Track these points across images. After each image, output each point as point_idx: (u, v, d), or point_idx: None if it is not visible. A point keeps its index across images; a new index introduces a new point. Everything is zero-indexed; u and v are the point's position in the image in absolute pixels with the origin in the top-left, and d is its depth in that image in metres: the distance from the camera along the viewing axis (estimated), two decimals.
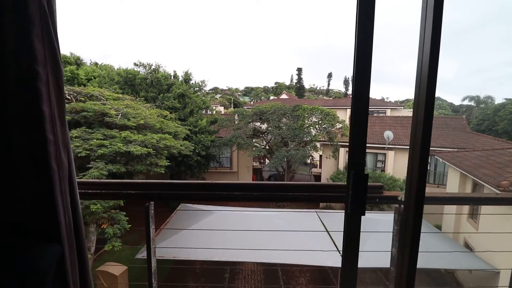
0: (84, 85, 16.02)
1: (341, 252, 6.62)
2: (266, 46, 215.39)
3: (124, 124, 8.41)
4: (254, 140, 18.24)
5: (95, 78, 17.16)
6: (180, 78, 18.21)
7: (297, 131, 15.68)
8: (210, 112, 21.82)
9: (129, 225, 6.69)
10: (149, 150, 7.02)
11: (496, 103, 42.69)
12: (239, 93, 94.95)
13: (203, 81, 19.06)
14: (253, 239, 9.63)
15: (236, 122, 18.07)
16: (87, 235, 7.32)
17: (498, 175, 8.87)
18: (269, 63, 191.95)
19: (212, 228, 10.10)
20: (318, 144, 17.68)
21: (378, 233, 9.41)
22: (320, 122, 16.23)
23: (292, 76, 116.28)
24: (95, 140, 6.88)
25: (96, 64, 24.50)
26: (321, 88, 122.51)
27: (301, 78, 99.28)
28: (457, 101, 76.47)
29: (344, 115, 30.90)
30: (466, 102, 45.72)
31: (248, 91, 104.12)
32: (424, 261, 9.22)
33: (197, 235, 9.77)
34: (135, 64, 17.61)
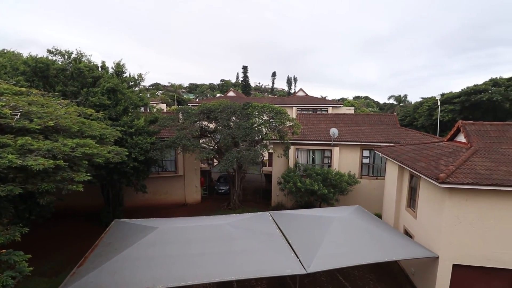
0: None
1: (298, 255, 5.80)
2: (210, 42, 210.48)
3: (24, 127, 6.24)
4: (201, 141, 16.77)
5: None
6: (111, 70, 15.57)
7: (248, 130, 14.84)
8: (149, 110, 19.40)
9: (31, 268, 4.76)
10: (58, 162, 5.17)
11: (410, 101, 49.72)
12: (183, 90, 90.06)
13: (140, 75, 16.70)
14: (205, 253, 8.47)
15: (181, 121, 16.31)
16: None
17: (434, 168, 9.48)
18: (214, 60, 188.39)
19: (155, 247, 8.53)
20: (268, 142, 17.23)
21: (333, 231, 9.04)
22: (271, 120, 15.71)
23: (237, 74, 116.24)
24: None
25: None
26: (266, 86, 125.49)
27: (247, 76, 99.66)
28: (381, 100, 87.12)
29: (291, 113, 31.52)
30: (391, 101, 51.72)
31: (193, 88, 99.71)
32: (374, 254, 9.41)
33: (136, 258, 8.10)
34: (50, 52, 14.35)
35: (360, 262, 8.83)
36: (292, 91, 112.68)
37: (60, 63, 14.11)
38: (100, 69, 15.13)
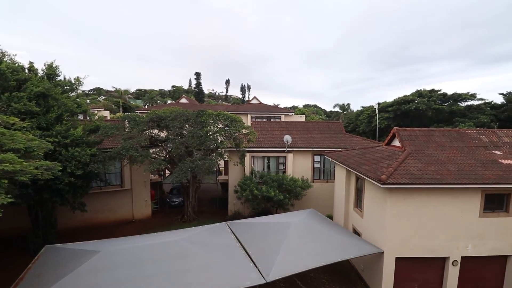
0: None
1: (257, 265, 5.69)
2: (160, 47, 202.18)
3: None
4: (151, 151, 15.66)
5: None
6: (41, 73, 13.64)
7: (202, 138, 14.34)
8: (89, 118, 17.49)
9: None
10: None
11: (353, 109, 54.79)
12: (129, 96, 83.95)
13: (77, 79, 14.96)
14: (157, 274, 7.74)
15: (127, 130, 15.02)
16: None
17: (376, 170, 10.39)
18: (164, 65, 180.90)
19: (97, 273, 7.49)
20: (223, 151, 16.95)
21: (290, 237, 9.15)
22: (226, 128, 15.49)
23: (190, 80, 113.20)
24: None
25: None
26: (220, 93, 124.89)
27: (200, 83, 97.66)
28: (328, 108, 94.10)
29: (245, 120, 31.74)
30: (336, 109, 56.08)
31: (141, 94, 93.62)
32: (328, 255, 9.81)
33: None
34: None
35: (316, 265, 9.09)
36: (246, 98, 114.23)
37: None
38: (27, 71, 13.16)
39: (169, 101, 71.70)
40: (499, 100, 31.88)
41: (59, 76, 14.21)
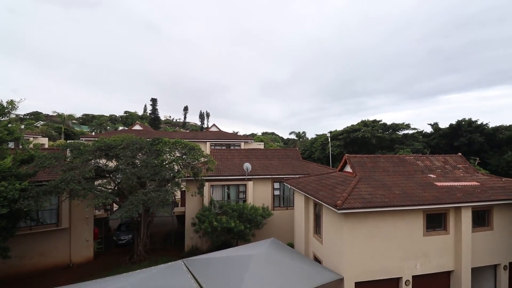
0: None
1: None
2: (112, 70, 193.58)
3: None
4: (97, 183, 14.07)
5: None
6: None
7: (157, 168, 13.42)
8: (22, 146, 15.29)
9: None
10: None
11: (308, 137, 58.05)
12: (74, 121, 76.76)
13: (11, 102, 13.26)
14: None
15: (69, 160, 13.41)
16: None
17: (332, 196, 10.79)
18: (116, 90, 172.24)
19: None
20: (180, 180, 16.06)
21: (252, 270, 8.73)
22: (184, 157, 14.83)
23: (145, 106, 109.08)
24: None
25: None
26: (178, 120, 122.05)
27: (156, 109, 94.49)
28: (285, 136, 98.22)
29: (204, 148, 31.12)
30: (292, 136, 58.75)
31: (88, 119, 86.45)
32: (290, 287, 9.50)
33: None
34: None
35: None
36: (205, 126, 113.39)
37: None
38: None
39: (120, 128, 67.33)
40: (429, 129, 37.02)
41: None
